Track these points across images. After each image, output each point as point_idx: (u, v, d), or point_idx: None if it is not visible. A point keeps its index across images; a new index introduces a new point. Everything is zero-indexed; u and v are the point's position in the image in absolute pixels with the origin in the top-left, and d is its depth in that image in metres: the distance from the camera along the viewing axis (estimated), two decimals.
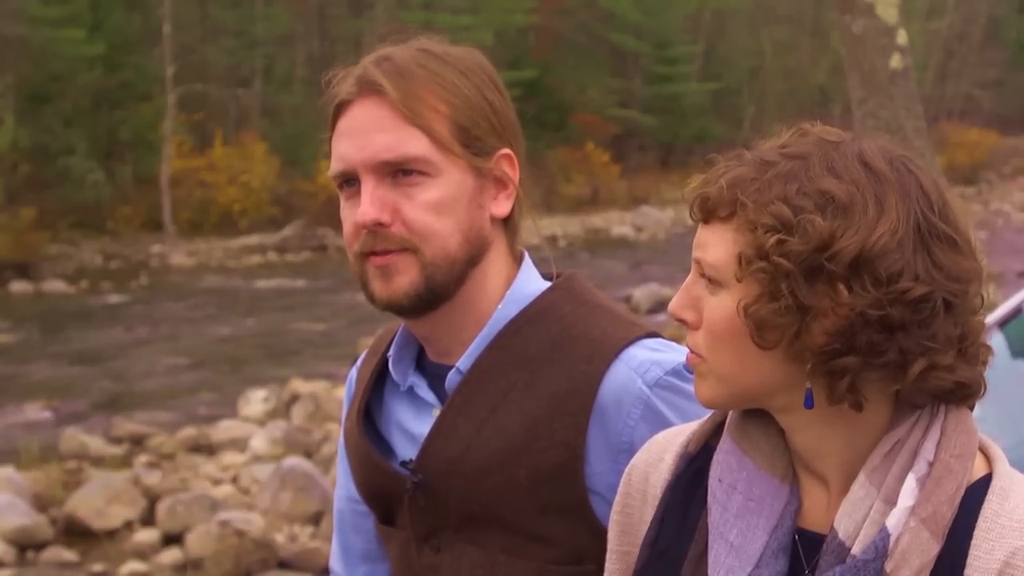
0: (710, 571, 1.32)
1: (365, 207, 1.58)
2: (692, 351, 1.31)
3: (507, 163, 1.65)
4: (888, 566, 1.22)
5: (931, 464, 1.25)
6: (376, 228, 1.58)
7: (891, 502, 1.24)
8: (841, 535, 1.26)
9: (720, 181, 1.28)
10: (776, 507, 1.31)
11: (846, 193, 1.23)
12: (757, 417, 1.35)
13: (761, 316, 1.23)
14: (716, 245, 1.27)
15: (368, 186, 1.58)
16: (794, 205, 1.23)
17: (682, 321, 1.31)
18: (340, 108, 1.61)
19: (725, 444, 1.36)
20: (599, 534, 1.52)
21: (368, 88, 1.59)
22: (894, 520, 1.23)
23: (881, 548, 1.23)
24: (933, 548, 1.23)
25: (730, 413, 1.37)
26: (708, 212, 1.28)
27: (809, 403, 1.26)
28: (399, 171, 1.58)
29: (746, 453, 1.34)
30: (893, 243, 1.22)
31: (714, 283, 1.28)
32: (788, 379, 1.26)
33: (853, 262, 1.21)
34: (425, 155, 1.57)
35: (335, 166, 1.61)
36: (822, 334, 1.22)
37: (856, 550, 1.24)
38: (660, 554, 1.39)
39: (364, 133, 1.58)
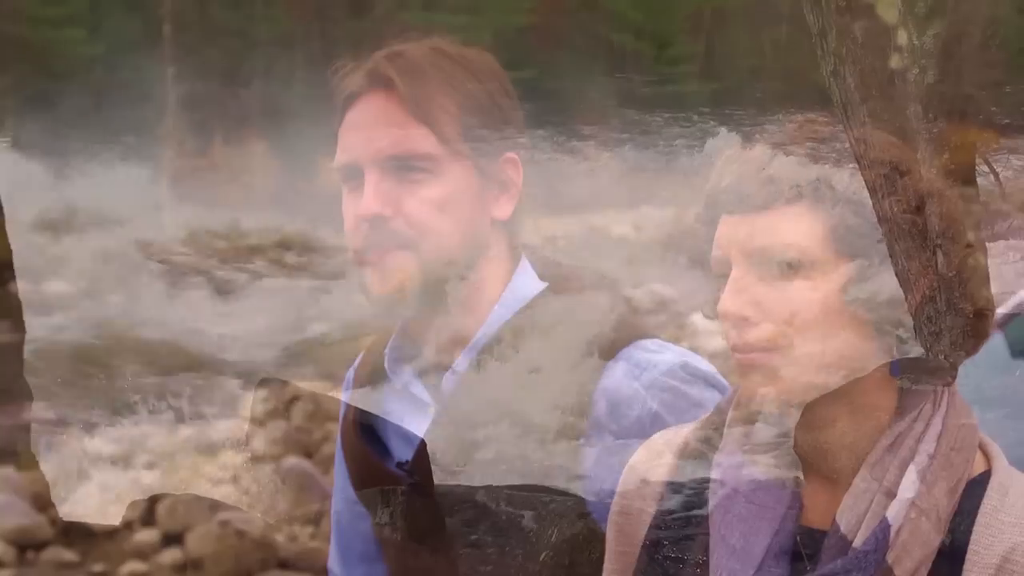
0: (712, 574, 1.32)
1: (368, 199, 1.57)
2: (757, 348, 1.25)
3: (511, 166, 1.64)
4: (890, 557, 1.22)
5: (932, 457, 1.25)
6: (377, 221, 1.57)
7: (892, 494, 1.24)
8: (843, 529, 1.26)
9: (772, 166, 1.25)
10: (778, 511, 1.31)
11: (901, 161, 1.23)
12: (759, 419, 1.33)
13: (870, 288, 1.22)
14: (793, 228, 1.24)
15: (372, 179, 1.58)
16: (876, 172, 1.22)
17: (744, 319, 1.25)
18: (349, 100, 1.60)
19: (727, 447, 1.35)
20: (595, 534, 1.52)
21: (379, 82, 1.58)
22: (894, 511, 1.23)
23: (881, 539, 1.22)
24: (935, 540, 1.23)
25: (730, 414, 1.36)
26: (772, 197, 1.24)
27: (897, 371, 1.25)
28: (404, 166, 1.58)
29: (748, 456, 1.33)
30: (958, 203, 1.24)
31: (795, 268, 1.24)
32: (871, 354, 1.25)
33: (943, 219, 1.22)
34: (431, 153, 1.57)
35: (340, 157, 1.61)
36: (918, 298, 1.22)
37: (857, 542, 1.24)
38: (662, 556, 1.38)
39: (372, 127, 1.58)
